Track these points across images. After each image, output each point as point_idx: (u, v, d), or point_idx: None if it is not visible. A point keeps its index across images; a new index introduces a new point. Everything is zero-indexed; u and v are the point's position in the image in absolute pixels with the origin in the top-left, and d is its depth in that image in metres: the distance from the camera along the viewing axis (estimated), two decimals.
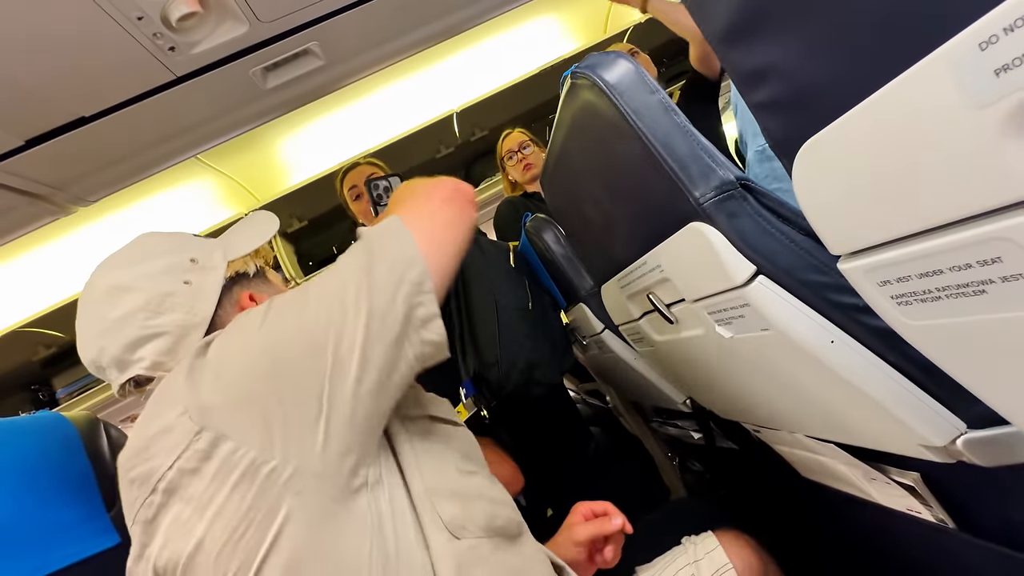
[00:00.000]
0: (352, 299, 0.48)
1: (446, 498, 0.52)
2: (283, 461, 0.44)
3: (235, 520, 0.43)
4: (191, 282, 0.58)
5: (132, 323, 0.55)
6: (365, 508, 0.47)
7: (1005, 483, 0.49)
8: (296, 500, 0.44)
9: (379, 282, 0.49)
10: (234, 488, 0.43)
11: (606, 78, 0.57)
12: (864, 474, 0.64)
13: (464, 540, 0.50)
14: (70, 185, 1.04)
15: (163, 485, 0.45)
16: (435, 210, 0.58)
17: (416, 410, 0.58)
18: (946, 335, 0.33)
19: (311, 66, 1.05)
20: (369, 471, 0.48)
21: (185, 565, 0.44)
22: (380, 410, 0.49)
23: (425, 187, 0.62)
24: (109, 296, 0.56)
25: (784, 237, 0.49)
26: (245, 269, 0.65)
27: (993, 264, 0.27)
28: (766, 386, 0.63)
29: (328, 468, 0.45)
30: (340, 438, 0.46)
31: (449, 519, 0.50)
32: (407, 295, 0.49)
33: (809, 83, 0.33)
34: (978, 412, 0.44)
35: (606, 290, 0.93)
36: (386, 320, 0.48)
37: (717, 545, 0.79)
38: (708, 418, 1.01)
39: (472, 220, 0.61)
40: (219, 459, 0.44)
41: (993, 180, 0.25)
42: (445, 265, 0.54)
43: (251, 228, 0.72)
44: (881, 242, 0.33)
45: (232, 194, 1.96)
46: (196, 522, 0.44)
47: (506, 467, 1.12)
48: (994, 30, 0.21)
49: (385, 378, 0.48)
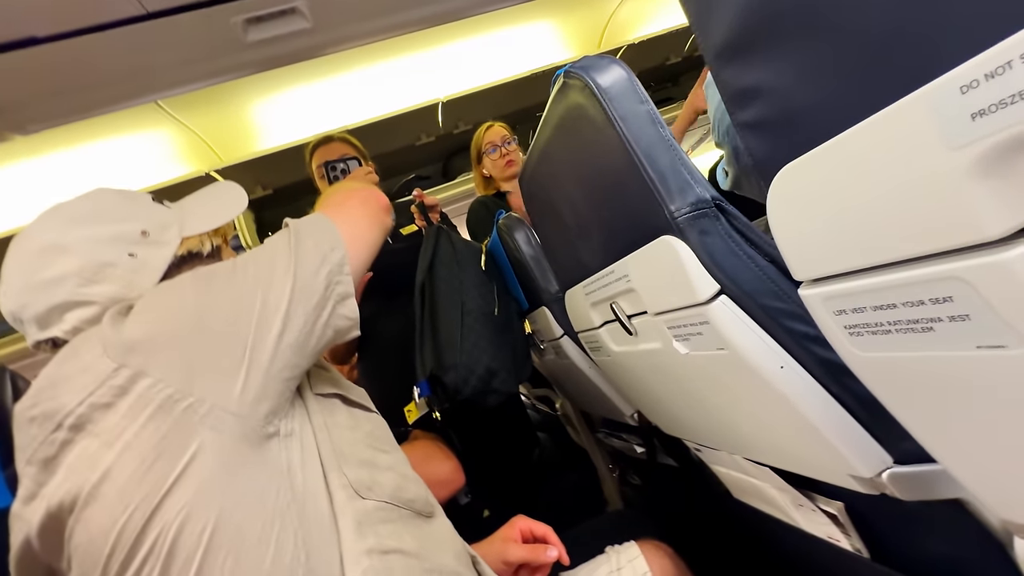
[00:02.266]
0: (281, 267, 0.53)
1: (354, 464, 0.54)
2: (200, 398, 0.45)
3: (146, 450, 0.43)
4: (136, 255, 0.57)
5: (62, 287, 0.53)
6: (276, 453, 0.49)
7: (920, 517, 0.52)
8: (210, 435, 0.45)
9: (304, 257, 0.54)
10: (149, 419, 0.44)
11: (599, 81, 0.57)
12: (793, 500, 0.67)
13: (369, 500, 0.52)
14: (10, 109, 0.95)
15: (70, 421, 0.44)
16: (353, 209, 0.65)
17: (330, 388, 0.61)
18: (889, 369, 0.35)
19: (296, 26, 1.00)
20: (282, 423, 0.51)
21: (89, 494, 0.43)
22: (296, 366, 0.52)
23: (346, 191, 0.69)
24: (43, 253, 0.53)
25: (750, 261, 0.50)
26: (199, 249, 0.63)
27: (944, 303, 0.28)
28: (714, 405, 0.65)
29: (243, 410, 0.47)
30: (258, 385, 0.48)
31: (354, 479, 0.53)
32: (329, 272, 0.55)
33: (796, 107, 0.34)
34: (905, 448, 0.46)
35: (571, 296, 0.93)
36: (308, 289, 0.53)
37: (639, 554, 0.81)
38: (652, 434, 1.03)
39: (386, 225, 0.69)
40: (136, 394, 0.44)
41: (955, 221, 0.26)
42: (361, 256, 0.61)
43: (215, 201, 0.69)
44: (843, 271, 0.34)
45: (193, 150, 1.85)
46: (104, 453, 0.43)
47: (449, 464, 1.11)
48: (976, 75, 0.22)
49: (303, 339, 0.52)
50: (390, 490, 0.56)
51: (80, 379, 0.45)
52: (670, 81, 2.89)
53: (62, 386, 0.45)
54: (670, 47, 2.54)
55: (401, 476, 0.59)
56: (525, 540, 0.78)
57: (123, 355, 0.45)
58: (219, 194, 0.70)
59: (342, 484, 0.52)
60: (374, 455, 0.58)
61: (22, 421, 0.47)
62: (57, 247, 0.53)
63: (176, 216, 0.63)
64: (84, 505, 0.43)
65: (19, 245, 0.55)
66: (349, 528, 0.50)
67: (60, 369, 0.47)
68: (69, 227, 0.55)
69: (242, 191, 0.71)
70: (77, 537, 0.43)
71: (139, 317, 0.48)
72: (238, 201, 0.70)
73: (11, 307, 0.53)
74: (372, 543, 0.50)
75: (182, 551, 0.43)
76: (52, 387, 0.46)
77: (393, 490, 0.56)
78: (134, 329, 0.47)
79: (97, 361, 0.45)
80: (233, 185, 0.72)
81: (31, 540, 0.45)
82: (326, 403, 0.58)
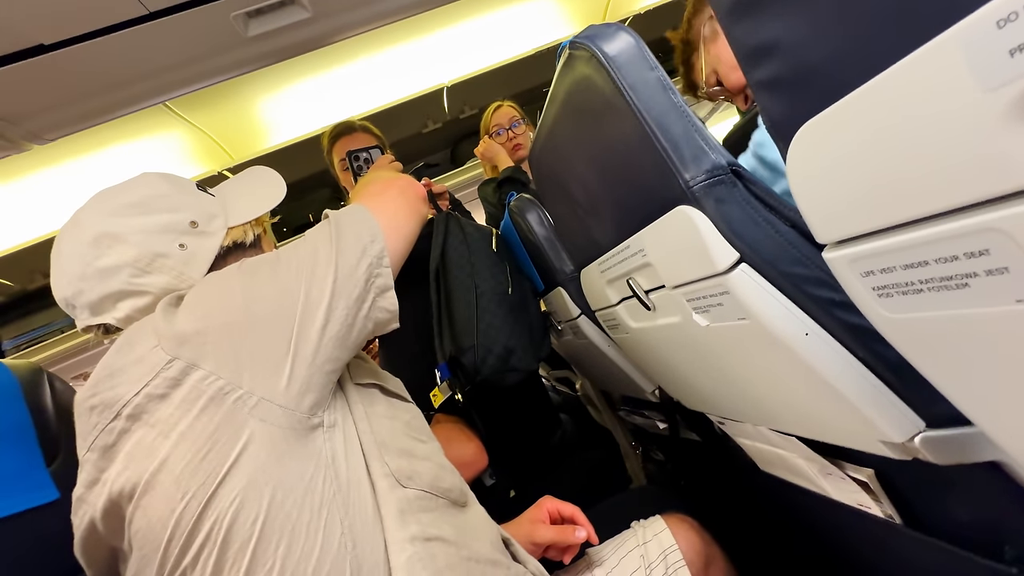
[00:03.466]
0: (323, 260, 0.53)
1: (395, 453, 0.55)
2: (249, 391, 0.47)
3: (200, 440, 0.45)
4: (186, 246, 0.58)
5: (117, 276, 0.54)
6: (321, 444, 0.50)
7: (954, 482, 0.50)
8: (260, 426, 0.46)
9: (345, 250, 0.54)
10: (202, 411, 0.45)
11: (605, 50, 0.55)
12: (821, 469, 0.66)
13: (410, 489, 0.53)
14: (24, 119, 0.97)
15: (128, 411, 0.46)
16: (391, 199, 0.64)
17: (369, 379, 0.61)
18: (922, 331, 0.34)
19: (297, 17, 0.99)
20: (325, 415, 0.52)
21: (147, 483, 0.45)
22: (338, 359, 0.53)
23: (383, 181, 0.69)
24: (98, 243, 0.55)
25: (769, 227, 0.49)
26: (243, 239, 0.64)
27: (980, 257, 0.27)
28: (737, 376, 0.64)
29: (290, 403, 0.48)
30: (302, 378, 0.49)
31: (395, 467, 0.54)
32: (369, 265, 0.55)
33: (813, 61, 0.32)
34: (938, 411, 0.45)
35: (586, 274, 0.92)
36: (349, 281, 0.53)
37: (664, 528, 0.81)
38: (674, 409, 1.02)
39: (423, 215, 0.68)
40: (188, 386, 0.46)
41: (991, 168, 0.24)
42: (399, 247, 0.61)
43: (257, 189, 0.69)
44: (870, 231, 0.32)
45: (204, 150, 1.87)
46: (161, 443, 0.45)
47: (472, 445, 1.12)
48: (1015, 7, 0.21)
49: (345, 331, 0.53)
50: (429, 479, 0.56)
51: (136, 370, 0.47)
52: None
53: (119, 376, 0.47)
54: (677, 16, 2.45)
55: (438, 466, 0.60)
56: (553, 521, 0.78)
57: (176, 348, 0.47)
58: (257, 181, 0.71)
59: (384, 473, 0.53)
60: (412, 444, 0.59)
61: (82, 410, 0.48)
62: (111, 236, 0.55)
63: (220, 205, 0.64)
64: (143, 493, 0.45)
65: (71, 233, 0.56)
66: (392, 516, 0.51)
67: (117, 359, 0.48)
68: (121, 216, 0.56)
69: (278, 176, 0.71)
70: (137, 523, 0.45)
71: (190, 310, 0.50)
72: (277, 187, 0.70)
73: (65, 293, 0.55)
74: (415, 531, 0.51)
75: (236, 538, 0.44)
76: (110, 377, 0.47)
77: (431, 479, 0.57)
78: (185, 322, 0.48)
79: (151, 353, 0.47)
80: (268, 171, 0.72)
81: (96, 522, 0.47)
82: (365, 393, 0.59)
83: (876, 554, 0.70)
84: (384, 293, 0.57)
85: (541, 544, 0.75)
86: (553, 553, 0.77)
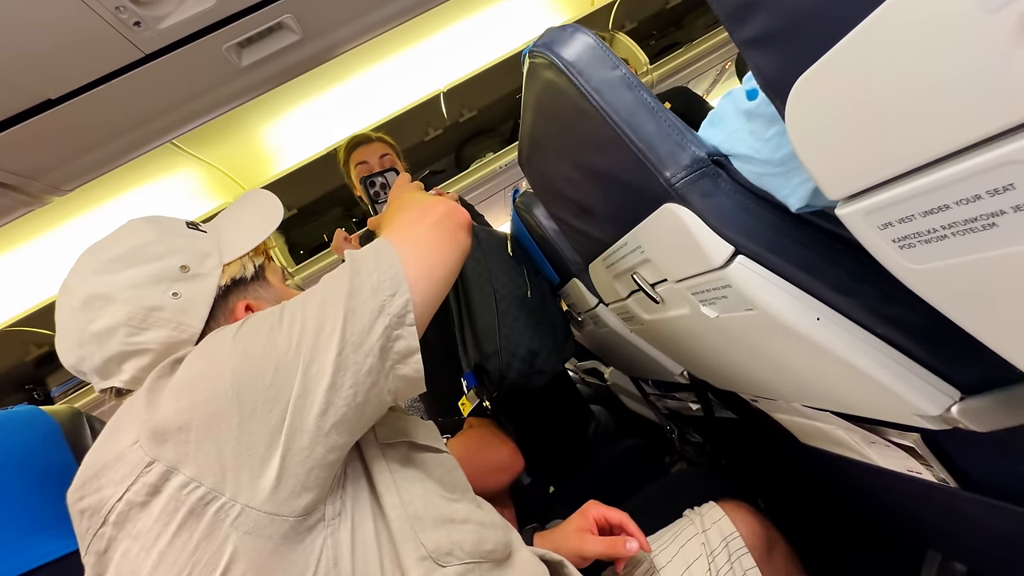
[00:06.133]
0: (329, 324, 0.46)
1: (430, 526, 0.50)
2: (232, 498, 0.42)
3: (180, 562, 0.41)
4: (180, 294, 0.54)
5: (113, 338, 0.51)
6: (320, 546, 0.44)
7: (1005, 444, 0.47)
8: (244, 540, 0.41)
9: (357, 308, 0.47)
10: (181, 526, 0.41)
11: (563, 55, 0.53)
12: (863, 438, 0.63)
13: (449, 568, 0.48)
14: (43, 173, 1.01)
15: (113, 517, 0.43)
16: (425, 234, 0.55)
17: (397, 437, 0.55)
18: (952, 278, 0.31)
19: (287, 41, 1.01)
20: (327, 507, 0.46)
21: None
22: (344, 445, 0.46)
23: (420, 207, 0.58)
24: (88, 306, 0.51)
25: (763, 212, 0.46)
26: (242, 274, 0.59)
27: (1004, 193, 0.25)
28: (758, 362, 0.61)
29: (279, 508, 0.43)
30: (295, 477, 0.43)
31: (433, 547, 0.48)
32: (387, 327, 0.47)
33: (801, 7, 0.30)
34: (972, 378, 0.42)
35: (593, 269, 0.91)
36: (359, 351, 0.46)
37: (723, 515, 0.79)
38: (706, 389, 1.00)
39: (465, 247, 0.58)
40: (168, 494, 0.41)
41: (1003, 96, 0.22)
42: (431, 294, 0.52)
43: (249, 216, 0.65)
44: (883, 180, 0.30)
45: (216, 183, 1.92)
46: (143, 561, 0.41)
47: (507, 448, 1.10)
48: None
49: (353, 413, 0.46)
50: (470, 547, 0.51)
51: (118, 470, 0.43)
52: (673, 25, 2.74)
53: (103, 477, 0.44)
54: None
55: (479, 526, 0.54)
56: (600, 528, 0.75)
57: (156, 448, 0.42)
58: (251, 207, 0.66)
59: (420, 557, 0.47)
60: (450, 509, 0.53)
61: (74, 512, 0.46)
62: (100, 297, 0.51)
63: (213, 240, 0.60)
64: None
65: (63, 300, 0.53)
66: None
67: (101, 454, 0.45)
68: (107, 273, 0.53)
69: (274, 198, 0.66)
70: None
71: (176, 396, 0.45)
72: (272, 212, 0.65)
73: (70, 361, 0.53)
74: None
75: None
76: (96, 477, 0.44)
77: (473, 545, 0.52)
78: (169, 412, 0.44)
79: (131, 451, 0.43)
80: (262, 194, 0.67)
81: None
82: (393, 454, 0.53)
83: (935, 518, 0.67)
84: (406, 359, 0.48)
85: (590, 558, 0.71)
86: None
